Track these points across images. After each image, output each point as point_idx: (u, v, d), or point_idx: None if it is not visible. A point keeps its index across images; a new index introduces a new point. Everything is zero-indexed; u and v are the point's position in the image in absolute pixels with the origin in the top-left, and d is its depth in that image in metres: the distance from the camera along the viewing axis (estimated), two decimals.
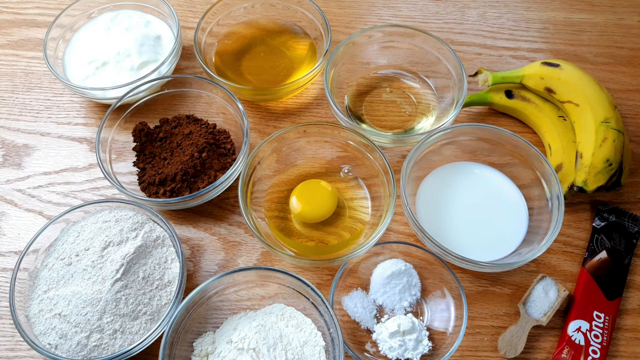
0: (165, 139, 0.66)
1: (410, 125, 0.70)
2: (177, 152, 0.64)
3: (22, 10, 0.82)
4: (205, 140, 0.63)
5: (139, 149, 0.66)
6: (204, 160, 0.62)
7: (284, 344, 0.52)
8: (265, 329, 0.52)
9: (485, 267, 0.55)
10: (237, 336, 0.52)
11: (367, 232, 0.61)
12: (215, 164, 0.63)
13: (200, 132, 0.65)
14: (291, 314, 0.54)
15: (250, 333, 0.52)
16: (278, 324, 0.53)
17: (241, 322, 0.54)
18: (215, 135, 0.66)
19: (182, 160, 0.62)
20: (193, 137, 0.64)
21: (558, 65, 0.67)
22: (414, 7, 0.84)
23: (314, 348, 0.52)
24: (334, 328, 0.50)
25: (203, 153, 0.63)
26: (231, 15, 0.76)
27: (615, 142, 0.60)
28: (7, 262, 0.61)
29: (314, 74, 0.68)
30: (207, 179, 0.62)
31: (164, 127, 0.67)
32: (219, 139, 0.66)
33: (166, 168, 0.63)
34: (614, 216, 0.63)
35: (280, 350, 0.51)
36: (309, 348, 0.52)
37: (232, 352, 0.51)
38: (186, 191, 0.61)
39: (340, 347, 0.49)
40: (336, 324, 0.50)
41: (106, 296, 0.52)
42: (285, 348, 0.51)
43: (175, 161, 0.63)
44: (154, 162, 0.65)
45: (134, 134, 0.65)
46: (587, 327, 0.55)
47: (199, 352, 0.52)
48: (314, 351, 0.52)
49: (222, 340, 0.52)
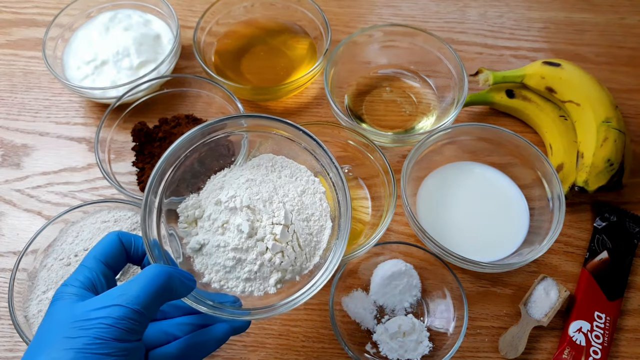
0: (165, 139, 0.65)
1: (411, 125, 0.70)
2: None
3: (21, 9, 0.82)
4: None
5: (138, 149, 0.65)
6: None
7: (280, 196, 0.46)
8: (256, 183, 0.46)
9: (486, 268, 0.55)
10: (225, 195, 0.45)
11: (367, 233, 0.60)
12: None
13: None
14: (282, 163, 0.49)
15: (240, 190, 0.46)
16: (269, 176, 0.48)
17: (227, 180, 0.48)
18: None
19: None
20: None
21: (559, 64, 0.66)
22: (415, 7, 0.83)
23: (314, 195, 0.47)
24: (333, 172, 0.45)
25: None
26: (231, 15, 0.76)
27: (617, 142, 0.60)
28: (6, 263, 0.61)
29: (314, 73, 0.68)
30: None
31: (163, 127, 0.66)
32: None
33: None
34: (615, 216, 0.63)
35: (277, 204, 0.45)
36: (309, 196, 0.47)
37: (224, 213, 0.45)
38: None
39: (344, 189, 0.44)
40: (336, 165, 0.44)
41: None
42: (283, 200, 0.46)
43: None
44: (153, 162, 0.64)
45: (133, 133, 0.65)
46: (588, 328, 0.55)
47: (185, 219, 0.46)
48: (314, 199, 0.47)
49: (209, 202, 0.46)
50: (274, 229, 0.44)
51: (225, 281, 0.44)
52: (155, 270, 0.37)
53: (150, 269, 0.37)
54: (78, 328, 0.33)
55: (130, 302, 0.34)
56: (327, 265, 0.44)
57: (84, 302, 0.35)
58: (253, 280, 0.44)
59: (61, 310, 0.35)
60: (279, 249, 0.44)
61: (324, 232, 0.47)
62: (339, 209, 0.46)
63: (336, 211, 0.47)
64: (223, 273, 0.44)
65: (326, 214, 0.47)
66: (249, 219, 0.44)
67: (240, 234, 0.44)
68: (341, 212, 0.46)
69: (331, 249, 0.46)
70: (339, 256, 0.44)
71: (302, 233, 0.45)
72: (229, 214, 0.45)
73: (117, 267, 0.41)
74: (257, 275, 0.44)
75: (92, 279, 0.38)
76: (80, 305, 0.35)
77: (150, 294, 0.35)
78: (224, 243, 0.44)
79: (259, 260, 0.43)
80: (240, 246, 0.43)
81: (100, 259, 0.39)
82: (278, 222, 0.44)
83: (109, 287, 0.38)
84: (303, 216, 0.46)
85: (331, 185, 0.48)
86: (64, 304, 0.36)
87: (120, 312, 0.34)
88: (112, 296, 0.35)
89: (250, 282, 0.44)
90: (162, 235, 0.44)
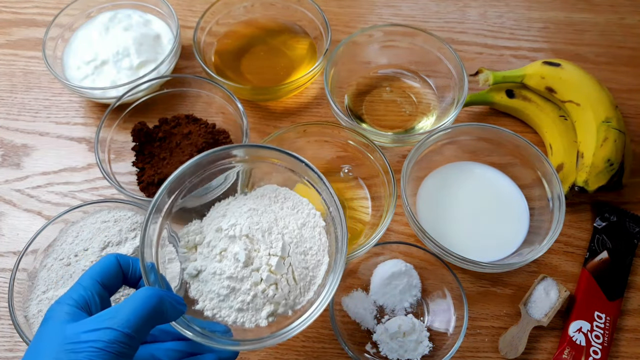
0: (165, 139, 0.65)
1: (411, 125, 0.70)
2: (177, 152, 0.64)
3: (21, 9, 0.82)
4: (204, 140, 0.63)
5: (138, 149, 0.65)
6: None
7: (280, 227, 0.46)
8: (257, 213, 0.47)
9: (486, 268, 0.55)
10: (227, 223, 0.46)
11: (367, 233, 0.60)
12: None
13: (200, 132, 0.64)
14: (285, 194, 0.49)
15: (242, 219, 0.46)
16: (272, 206, 0.48)
17: (230, 208, 0.48)
18: (214, 135, 0.65)
19: (181, 160, 0.62)
20: (192, 137, 0.64)
21: (559, 64, 0.66)
22: (415, 7, 0.83)
23: (314, 229, 0.47)
24: (333, 206, 0.45)
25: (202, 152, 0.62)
26: (231, 15, 0.76)
27: (617, 142, 0.60)
28: (6, 263, 0.61)
29: (314, 73, 0.68)
30: None
31: (163, 126, 0.66)
32: (219, 138, 0.65)
33: (165, 168, 0.62)
34: (615, 216, 0.63)
35: (276, 235, 0.46)
36: (308, 230, 0.47)
37: (223, 241, 0.45)
38: None
39: (342, 227, 0.44)
40: (336, 201, 0.44)
41: None
42: (282, 232, 0.46)
43: (174, 161, 0.62)
44: (153, 162, 0.64)
45: (133, 133, 0.65)
46: (588, 328, 0.55)
47: (185, 244, 0.47)
48: (313, 232, 0.47)
49: (210, 229, 0.47)
50: (270, 260, 0.44)
51: (218, 309, 0.44)
52: (147, 293, 0.37)
53: (141, 292, 0.37)
54: (69, 351, 0.33)
55: (121, 325, 0.34)
56: (319, 301, 0.44)
57: (76, 323, 0.35)
58: (245, 311, 0.44)
59: (52, 331, 0.35)
60: (273, 280, 0.44)
61: (320, 268, 0.46)
62: (336, 244, 0.46)
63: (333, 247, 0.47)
64: (217, 301, 0.44)
65: (324, 249, 0.47)
66: (247, 248, 0.44)
67: (236, 263, 0.44)
68: (337, 248, 0.45)
69: (325, 285, 0.45)
70: (331, 292, 0.44)
71: (298, 266, 0.45)
72: (228, 241, 0.45)
73: (113, 288, 0.41)
74: (249, 306, 0.44)
75: (87, 298, 0.38)
76: (71, 327, 0.35)
77: (141, 317, 0.35)
78: (220, 271, 0.44)
79: (252, 291, 0.44)
80: (236, 275, 0.44)
81: (97, 279, 0.39)
82: (275, 254, 0.45)
83: (103, 308, 0.38)
84: (301, 249, 0.46)
85: (330, 220, 0.47)
86: (55, 323, 0.36)
87: (111, 336, 0.34)
88: (103, 318, 0.35)
89: (242, 312, 0.44)
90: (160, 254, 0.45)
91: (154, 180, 0.62)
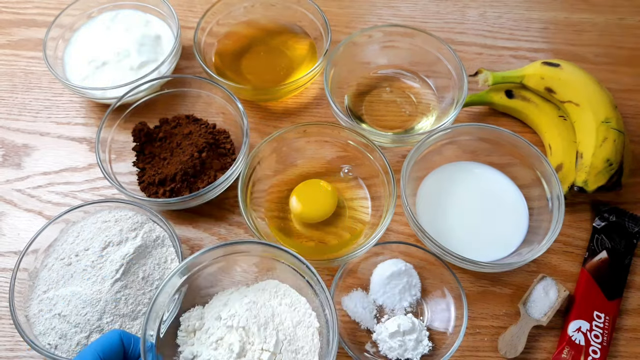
0: (165, 139, 0.66)
1: (411, 125, 0.70)
2: (177, 152, 0.64)
3: (22, 10, 0.82)
4: (205, 140, 0.63)
5: (138, 149, 0.65)
6: (203, 160, 0.62)
7: (275, 323, 0.48)
8: (257, 306, 0.49)
9: (486, 267, 0.55)
10: (226, 313, 0.48)
11: (367, 232, 0.61)
12: (215, 164, 0.63)
13: (200, 132, 0.65)
14: (285, 291, 0.51)
15: (241, 310, 0.48)
16: (271, 301, 0.50)
17: (232, 298, 0.51)
18: (215, 135, 0.65)
19: (181, 160, 0.62)
20: (193, 137, 0.64)
21: (558, 65, 0.67)
22: (414, 7, 0.84)
23: (308, 329, 0.49)
24: (329, 309, 0.46)
25: (203, 153, 0.63)
26: (231, 15, 0.76)
27: (616, 142, 0.60)
28: (7, 262, 0.61)
29: (314, 73, 0.68)
30: (206, 179, 0.62)
31: (164, 127, 0.67)
32: (219, 138, 0.66)
33: (166, 168, 0.63)
34: (614, 216, 0.63)
35: (271, 330, 0.48)
36: (302, 329, 0.49)
37: (221, 330, 0.47)
38: (186, 191, 0.61)
39: (334, 329, 0.46)
40: (331, 305, 0.46)
41: (106, 296, 0.52)
42: (277, 328, 0.48)
43: (174, 161, 0.63)
44: (153, 162, 0.65)
45: (134, 133, 0.65)
46: (587, 327, 0.55)
47: (185, 327, 0.49)
48: (307, 332, 0.48)
49: (210, 316, 0.49)
50: (262, 355, 0.46)
51: None
52: None
53: None
54: None
55: None
56: None
57: None
58: None
59: None
60: None
61: None
62: (327, 347, 0.47)
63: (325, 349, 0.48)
64: None
65: (315, 350, 0.48)
66: (242, 340, 0.47)
67: (230, 353, 0.46)
68: (328, 351, 0.46)
69: None
70: None
71: None
72: (225, 330, 0.48)
73: None
74: None
75: None
76: None
77: None
78: (214, 358, 0.46)
79: None
80: None
81: (99, 354, 0.42)
82: (267, 349, 0.47)
83: None
84: (293, 347, 0.48)
85: (324, 323, 0.49)
86: None
87: None
88: None
89: None
90: None
91: (154, 181, 0.62)
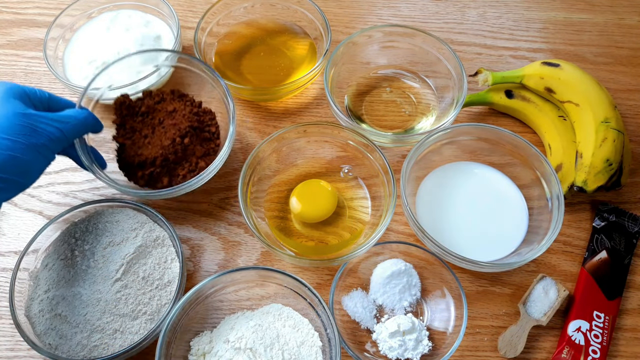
0: (147, 114, 0.62)
1: (410, 125, 0.70)
2: (159, 132, 0.61)
3: (22, 10, 0.82)
4: (188, 123, 0.60)
5: (119, 122, 0.62)
6: (185, 147, 0.60)
7: (280, 344, 0.52)
8: (262, 328, 0.52)
9: (485, 267, 0.55)
10: (234, 336, 0.52)
11: (367, 232, 0.61)
12: (197, 150, 0.61)
13: (184, 112, 0.61)
14: (288, 314, 0.54)
15: (247, 333, 0.52)
16: (275, 324, 0.53)
17: (238, 322, 0.54)
18: (199, 116, 0.62)
19: (163, 144, 0.59)
20: (176, 117, 0.61)
21: (558, 65, 0.67)
22: (414, 7, 0.84)
23: (311, 348, 0.52)
24: (331, 329, 0.50)
25: (185, 138, 0.60)
26: (231, 15, 0.76)
27: (615, 142, 0.60)
28: (7, 262, 0.61)
29: (314, 73, 0.68)
30: (187, 165, 0.60)
31: (147, 100, 0.63)
32: (204, 120, 0.63)
33: (146, 149, 0.60)
34: (614, 216, 0.63)
35: (277, 350, 0.51)
36: (306, 348, 0.52)
37: (229, 352, 0.51)
38: (165, 177, 0.60)
39: (336, 347, 0.49)
40: (333, 324, 0.49)
41: (106, 296, 0.52)
42: (282, 348, 0.51)
43: (155, 142, 0.60)
44: (134, 137, 0.61)
45: (115, 106, 0.62)
46: (587, 327, 0.55)
47: (195, 352, 0.52)
48: (310, 351, 0.52)
49: (219, 340, 0.52)
50: None
51: None
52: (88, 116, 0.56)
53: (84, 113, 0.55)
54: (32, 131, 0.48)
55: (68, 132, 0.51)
56: None
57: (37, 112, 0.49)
58: None
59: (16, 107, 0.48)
60: None
61: None
62: None
63: None
64: None
65: None
66: None
67: None
68: None
69: None
70: None
71: None
72: (233, 353, 0.51)
73: None
74: None
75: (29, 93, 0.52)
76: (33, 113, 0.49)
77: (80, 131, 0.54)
78: None
79: None
80: None
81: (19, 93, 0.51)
82: None
83: None
84: None
85: (327, 341, 0.51)
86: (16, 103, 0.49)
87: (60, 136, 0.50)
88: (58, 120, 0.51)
89: None
90: None
91: (133, 162, 0.60)
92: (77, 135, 0.55)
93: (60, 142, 0.51)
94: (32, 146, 0.47)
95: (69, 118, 0.52)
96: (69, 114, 0.53)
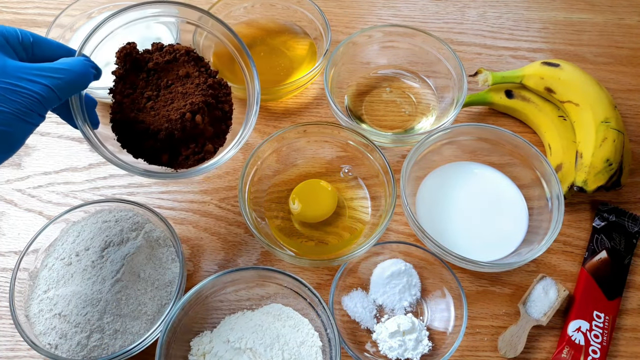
0: (154, 73, 0.52)
1: (410, 125, 0.70)
2: (165, 97, 0.51)
3: (22, 10, 0.82)
4: (203, 98, 0.51)
5: (119, 74, 0.52)
6: (195, 125, 0.50)
7: (280, 344, 0.52)
8: (262, 329, 0.53)
9: (485, 267, 0.55)
10: (234, 336, 0.52)
11: (367, 232, 0.61)
12: (207, 131, 0.52)
13: (199, 80, 0.52)
14: (288, 314, 0.55)
15: (247, 333, 0.52)
16: (275, 324, 0.54)
17: (238, 322, 0.54)
18: (214, 89, 0.53)
19: (170, 117, 0.50)
20: (188, 86, 0.52)
21: (558, 65, 0.67)
22: (414, 7, 0.84)
23: (311, 348, 0.52)
24: (330, 329, 0.50)
25: (197, 115, 0.50)
26: (231, 15, 0.76)
27: (615, 142, 0.60)
28: (7, 262, 0.61)
29: (314, 74, 0.68)
30: (193, 147, 0.52)
31: (156, 56, 0.53)
32: (219, 95, 0.53)
33: (147, 115, 0.51)
34: (614, 216, 0.63)
35: (277, 350, 0.51)
36: (306, 348, 0.52)
37: (229, 352, 0.51)
38: (165, 154, 0.51)
39: (336, 347, 0.49)
40: (333, 324, 0.50)
41: (106, 296, 0.52)
42: (282, 348, 0.52)
43: (160, 110, 0.51)
44: (133, 96, 0.52)
45: (118, 55, 0.53)
46: (587, 327, 0.55)
47: (195, 352, 0.52)
48: (310, 351, 0.52)
49: (219, 340, 0.53)
50: None
51: None
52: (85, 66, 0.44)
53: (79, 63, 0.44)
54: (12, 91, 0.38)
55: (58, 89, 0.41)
56: None
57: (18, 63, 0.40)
58: None
59: None
60: None
61: None
62: None
63: None
64: None
65: None
66: None
67: None
68: None
69: None
70: None
71: None
72: (233, 353, 0.51)
73: None
74: None
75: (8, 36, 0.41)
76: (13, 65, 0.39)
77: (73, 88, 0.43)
78: None
79: None
80: None
81: None
82: None
83: None
84: None
85: (327, 341, 0.51)
86: None
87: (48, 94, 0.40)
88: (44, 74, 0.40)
89: None
90: None
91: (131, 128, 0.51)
92: (73, 93, 0.45)
93: (50, 102, 0.41)
94: (11, 114, 0.38)
95: (62, 71, 0.41)
96: (61, 66, 0.42)
